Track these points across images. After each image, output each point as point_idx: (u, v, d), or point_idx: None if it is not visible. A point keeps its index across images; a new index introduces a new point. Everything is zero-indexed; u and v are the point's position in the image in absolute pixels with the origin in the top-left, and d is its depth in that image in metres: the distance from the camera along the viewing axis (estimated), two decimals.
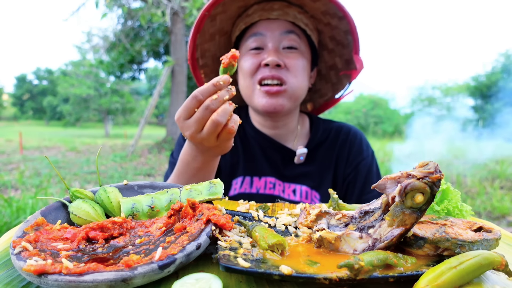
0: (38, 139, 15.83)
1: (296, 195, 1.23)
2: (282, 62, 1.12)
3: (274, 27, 1.17)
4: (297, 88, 1.16)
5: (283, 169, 1.27)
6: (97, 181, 6.12)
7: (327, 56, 1.35)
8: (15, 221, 3.14)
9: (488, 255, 0.51)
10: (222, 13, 1.21)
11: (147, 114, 10.08)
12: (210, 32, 1.25)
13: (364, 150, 1.30)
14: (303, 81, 1.18)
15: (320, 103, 1.45)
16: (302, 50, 1.18)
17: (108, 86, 26.85)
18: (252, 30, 1.19)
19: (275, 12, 1.17)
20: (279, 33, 1.16)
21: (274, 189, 1.24)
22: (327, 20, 1.23)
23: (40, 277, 0.48)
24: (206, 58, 1.32)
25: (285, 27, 1.17)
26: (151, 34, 11.94)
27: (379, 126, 21.70)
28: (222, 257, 0.52)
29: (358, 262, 0.48)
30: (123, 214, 0.71)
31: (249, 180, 1.26)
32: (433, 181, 0.54)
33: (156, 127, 39.76)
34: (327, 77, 1.39)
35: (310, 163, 1.28)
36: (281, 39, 1.16)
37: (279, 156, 1.28)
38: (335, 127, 1.34)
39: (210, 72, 1.36)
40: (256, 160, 1.28)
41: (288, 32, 1.16)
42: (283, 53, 1.15)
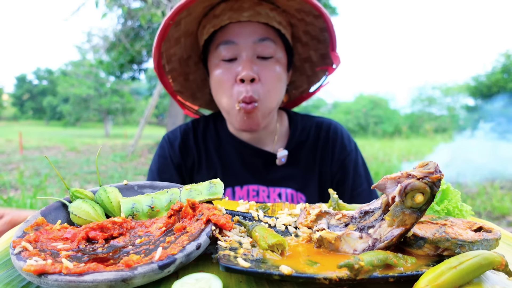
0: (38, 139, 15.83)
1: (282, 198, 1.19)
2: (256, 75, 1.06)
3: (246, 33, 1.07)
4: (270, 103, 1.11)
5: (266, 174, 1.21)
6: (97, 181, 6.12)
7: (301, 49, 1.27)
8: None
9: (488, 255, 0.51)
10: (186, 16, 1.12)
11: (147, 114, 10.08)
12: (175, 37, 1.18)
13: (347, 145, 1.26)
14: (279, 89, 1.12)
15: (296, 95, 1.39)
16: (278, 57, 1.11)
17: (108, 86, 26.84)
18: (222, 36, 1.09)
19: (245, 12, 1.07)
20: (252, 41, 1.07)
21: (258, 196, 1.19)
22: (301, 17, 1.16)
23: (40, 277, 0.48)
24: (172, 62, 1.24)
25: (258, 33, 1.08)
26: (151, 34, 11.93)
27: (379, 126, 21.70)
28: (222, 257, 0.52)
29: (358, 262, 0.48)
30: (123, 214, 0.71)
31: (231, 191, 1.20)
32: (433, 181, 0.54)
33: (156, 127, 39.75)
34: (302, 69, 1.32)
35: (293, 164, 1.23)
36: (255, 47, 1.07)
37: (260, 161, 1.22)
38: (314, 124, 1.29)
39: (177, 75, 1.28)
40: (235, 169, 1.22)
41: (262, 40, 1.07)
42: (257, 63, 1.08)
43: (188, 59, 1.27)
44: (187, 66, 1.28)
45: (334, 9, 12.60)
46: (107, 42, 12.54)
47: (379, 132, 21.00)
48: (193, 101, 1.38)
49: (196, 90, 1.35)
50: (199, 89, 1.35)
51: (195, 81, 1.33)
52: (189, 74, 1.30)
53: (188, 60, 1.27)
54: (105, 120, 27.83)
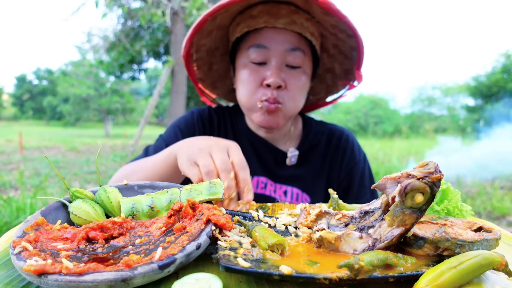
0: (38, 139, 15.84)
1: (287, 196, 1.23)
2: (283, 83, 1.09)
3: (279, 40, 1.10)
4: (293, 108, 1.15)
5: (275, 170, 1.26)
6: (97, 181, 6.12)
7: (326, 59, 1.32)
8: (14, 221, 3.14)
9: (488, 255, 0.51)
10: (224, 12, 1.15)
11: (147, 114, 10.08)
12: (209, 29, 1.21)
13: (356, 155, 1.31)
14: (300, 100, 1.17)
15: (312, 101, 1.43)
16: (305, 67, 1.14)
17: (108, 86, 26.85)
18: (255, 38, 1.12)
19: (282, 19, 1.09)
20: (284, 49, 1.10)
21: (265, 189, 1.23)
22: (334, 32, 1.19)
23: (40, 277, 0.48)
24: (201, 52, 1.28)
25: (291, 42, 1.10)
26: (151, 34, 11.94)
27: (379, 126, 21.71)
28: (222, 257, 0.52)
29: (358, 262, 0.48)
30: (123, 214, 0.71)
31: None
32: (433, 181, 0.54)
33: (156, 127, 39.75)
34: (323, 78, 1.37)
35: (302, 165, 1.27)
36: (286, 55, 1.10)
37: (271, 157, 1.27)
38: (327, 130, 1.34)
39: (203, 64, 1.33)
40: (249, 159, 1.24)
41: (293, 49, 1.10)
42: (285, 71, 1.11)
43: (216, 50, 1.31)
44: (213, 56, 1.32)
45: None
46: (107, 42, 12.55)
47: (379, 132, 21.00)
48: (213, 89, 1.42)
49: (217, 79, 1.40)
50: (220, 79, 1.40)
51: (218, 71, 1.37)
52: (214, 64, 1.35)
53: (216, 51, 1.31)
54: (105, 120, 27.83)
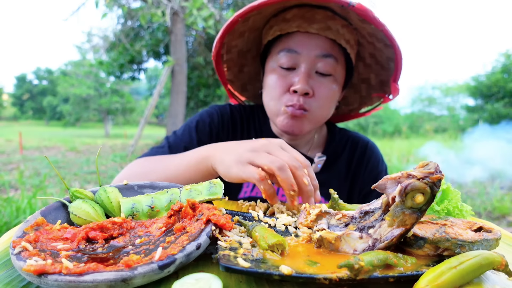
0: (38, 139, 15.84)
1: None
2: (311, 90, 1.05)
3: (311, 45, 1.05)
4: (319, 116, 1.11)
5: None
6: (97, 181, 6.12)
7: (362, 69, 1.26)
8: (14, 221, 3.14)
9: (488, 255, 0.51)
10: (256, 14, 1.10)
11: (147, 114, 10.08)
12: (240, 31, 1.17)
13: (380, 165, 1.30)
14: (329, 109, 1.13)
15: (344, 111, 1.38)
16: (336, 75, 1.09)
17: (108, 86, 26.85)
18: (287, 42, 1.08)
19: (315, 24, 1.05)
20: (315, 54, 1.05)
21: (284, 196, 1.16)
22: (372, 41, 1.14)
23: (40, 277, 0.48)
24: (231, 53, 1.24)
25: (323, 48, 1.05)
26: (151, 34, 11.94)
27: (379, 126, 21.71)
28: (222, 257, 0.52)
29: (358, 262, 0.48)
30: (123, 214, 0.71)
31: None
32: (433, 182, 0.54)
33: (156, 127, 39.75)
34: (357, 88, 1.31)
35: (326, 172, 1.23)
36: (316, 61, 1.05)
37: None
38: (351, 138, 1.31)
39: (233, 65, 1.29)
40: None
41: (325, 55, 1.05)
42: (315, 78, 1.07)
43: (247, 52, 1.27)
44: (244, 58, 1.28)
45: None
46: (107, 42, 12.55)
47: (379, 132, 21.00)
48: (242, 92, 1.39)
49: (247, 82, 1.36)
50: (250, 82, 1.36)
51: (249, 73, 1.34)
52: (245, 66, 1.31)
53: (247, 53, 1.27)
54: (105, 120, 27.84)
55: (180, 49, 10.63)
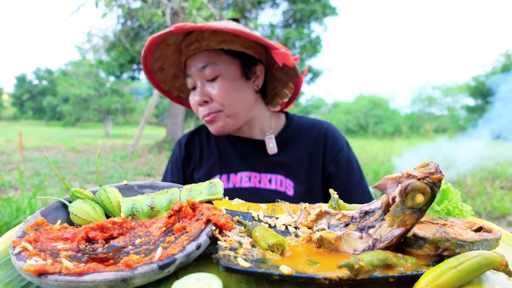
0: (38, 139, 15.83)
1: (272, 183, 1.30)
2: (207, 97, 1.23)
3: (194, 64, 1.23)
4: (232, 108, 1.25)
5: (258, 161, 1.35)
6: (97, 181, 6.12)
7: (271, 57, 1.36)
8: (14, 221, 3.14)
9: (488, 255, 0.51)
10: (165, 61, 1.37)
11: (147, 114, 10.08)
12: (171, 74, 1.44)
13: (339, 142, 1.36)
14: (235, 99, 1.25)
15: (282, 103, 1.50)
16: (224, 73, 1.23)
17: (108, 86, 26.85)
18: (186, 70, 1.28)
19: (192, 46, 1.23)
20: (197, 69, 1.22)
21: (250, 182, 1.31)
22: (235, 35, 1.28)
23: (40, 277, 0.48)
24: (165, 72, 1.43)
25: (201, 61, 1.22)
26: (151, 34, 11.94)
27: (379, 126, 21.71)
28: (222, 257, 0.52)
29: (358, 262, 0.48)
30: (123, 214, 0.71)
31: (226, 177, 1.34)
32: (433, 182, 0.54)
33: (156, 127, 39.75)
34: (277, 78, 1.44)
35: (283, 153, 1.35)
36: (202, 74, 1.22)
37: (252, 150, 1.37)
38: (307, 122, 1.42)
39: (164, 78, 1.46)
40: (231, 159, 1.38)
41: (203, 67, 1.21)
42: (208, 85, 1.23)
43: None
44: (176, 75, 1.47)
45: (334, 9, 12.59)
46: (107, 42, 12.55)
47: (379, 132, 21.00)
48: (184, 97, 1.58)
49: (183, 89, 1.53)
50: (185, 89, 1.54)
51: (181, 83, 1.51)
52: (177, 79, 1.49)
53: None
54: (105, 120, 27.83)
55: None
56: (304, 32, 11.83)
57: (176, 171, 1.44)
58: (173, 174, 1.44)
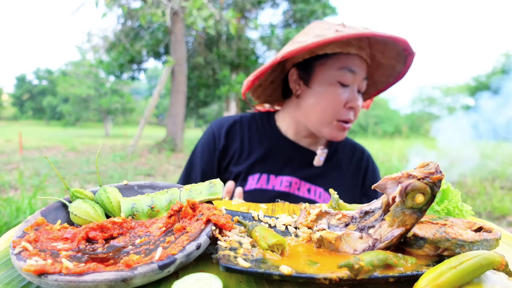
0: (38, 139, 15.83)
1: (311, 193, 1.30)
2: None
3: (362, 68, 1.21)
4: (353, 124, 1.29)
5: (302, 170, 1.34)
6: (97, 181, 6.12)
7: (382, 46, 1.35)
8: (14, 221, 3.14)
9: (488, 255, 0.51)
10: None
11: (147, 114, 10.08)
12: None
13: (377, 173, 1.47)
14: None
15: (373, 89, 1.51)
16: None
17: (108, 86, 26.84)
18: (346, 62, 1.19)
19: (364, 51, 1.21)
20: (362, 77, 1.22)
21: (290, 187, 1.30)
22: None
23: (40, 277, 0.48)
24: (262, 85, 1.37)
25: (365, 72, 1.23)
26: (151, 34, 11.94)
27: (379, 126, 21.71)
28: (222, 257, 0.52)
29: (358, 262, 0.48)
30: (123, 214, 0.71)
31: (266, 177, 1.31)
32: (433, 182, 0.54)
33: (156, 127, 39.76)
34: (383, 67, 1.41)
35: (325, 167, 1.36)
36: (362, 83, 1.23)
37: (299, 158, 1.35)
38: (350, 142, 1.48)
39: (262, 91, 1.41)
40: (275, 159, 1.35)
41: (365, 78, 1.23)
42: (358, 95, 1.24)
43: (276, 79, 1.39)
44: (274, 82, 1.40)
45: (334, 9, 12.60)
46: (107, 42, 12.56)
47: (379, 132, 21.00)
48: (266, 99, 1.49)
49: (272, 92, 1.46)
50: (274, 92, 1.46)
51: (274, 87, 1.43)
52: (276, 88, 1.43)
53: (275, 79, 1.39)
54: (105, 120, 27.83)
55: (180, 49, 10.63)
56: None
57: (210, 160, 1.36)
58: (206, 163, 1.36)
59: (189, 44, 13.22)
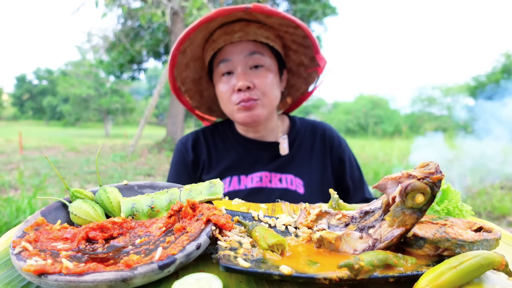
0: (38, 139, 15.83)
1: (283, 182, 1.36)
2: (251, 83, 1.24)
3: (238, 50, 1.26)
4: (268, 99, 1.29)
5: (270, 163, 1.40)
6: (97, 181, 6.12)
7: (293, 55, 1.45)
8: (14, 221, 3.14)
9: (488, 255, 0.51)
10: (190, 45, 1.33)
11: (147, 114, 10.08)
12: (184, 63, 1.38)
13: (342, 143, 1.49)
14: (273, 91, 1.31)
15: (298, 96, 1.58)
16: (267, 65, 1.29)
17: (108, 86, 26.84)
18: (220, 56, 1.29)
19: (236, 34, 1.27)
20: (243, 56, 1.26)
21: (261, 182, 1.35)
22: (285, 29, 1.34)
23: (40, 277, 0.48)
24: (187, 84, 1.45)
25: (248, 49, 1.26)
26: (151, 34, 11.94)
27: (379, 126, 21.71)
28: (222, 257, 0.52)
29: (358, 262, 0.48)
30: (123, 214, 0.71)
31: (237, 178, 1.38)
32: (433, 182, 0.54)
33: (156, 127, 39.75)
34: (298, 73, 1.51)
35: (291, 153, 1.42)
36: (247, 61, 1.26)
37: (266, 153, 1.41)
38: (310, 124, 1.51)
39: (193, 93, 1.50)
40: (243, 162, 1.41)
41: (251, 54, 1.26)
42: (250, 73, 1.26)
43: (200, 79, 1.48)
44: (200, 85, 1.49)
45: (334, 9, 12.61)
46: (107, 42, 12.55)
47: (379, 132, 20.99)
48: (210, 113, 1.60)
49: (212, 103, 1.56)
50: (213, 103, 1.56)
51: (210, 97, 1.54)
52: (203, 91, 1.51)
53: (200, 79, 1.48)
54: (105, 120, 27.82)
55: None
56: None
57: (185, 174, 1.43)
58: (181, 177, 1.43)
59: None
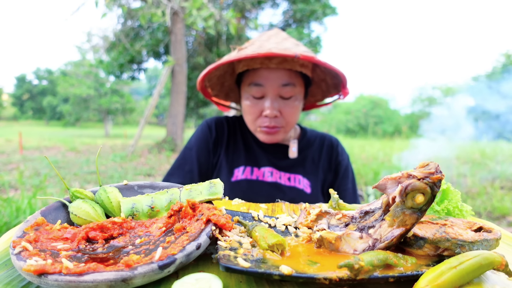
0: (38, 139, 15.83)
1: (291, 181, 1.43)
2: (278, 113, 1.31)
3: (273, 77, 1.29)
4: (290, 127, 1.38)
5: (280, 162, 1.48)
6: (97, 181, 6.12)
7: (320, 72, 1.48)
8: (14, 221, 3.14)
9: (488, 255, 0.51)
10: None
11: (147, 114, 10.08)
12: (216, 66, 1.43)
13: (341, 154, 1.56)
14: (296, 119, 1.39)
15: (311, 101, 1.65)
16: (297, 95, 1.33)
17: (108, 86, 26.83)
18: (254, 77, 1.32)
19: (274, 60, 1.28)
20: (277, 85, 1.29)
21: (272, 177, 1.43)
22: None
23: (40, 277, 0.48)
24: (212, 80, 1.51)
25: (282, 79, 1.29)
26: (151, 34, 11.94)
27: (379, 126, 21.71)
28: (222, 257, 0.52)
29: (358, 262, 0.48)
30: (123, 214, 0.71)
31: (250, 169, 1.45)
32: (433, 182, 0.54)
33: (156, 127, 39.76)
34: (319, 84, 1.56)
35: (300, 157, 1.50)
36: (279, 90, 1.29)
37: (276, 152, 1.49)
38: (319, 135, 1.60)
39: (216, 84, 1.56)
40: (256, 154, 1.49)
41: (284, 85, 1.29)
42: (280, 101, 1.31)
43: (225, 74, 1.53)
44: (223, 78, 1.55)
45: (334, 9, 12.60)
46: (107, 42, 12.55)
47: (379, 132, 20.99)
48: (227, 99, 1.68)
49: (229, 91, 1.64)
50: (231, 90, 1.63)
51: (229, 86, 1.60)
52: (225, 82, 1.57)
53: (225, 74, 1.53)
54: (105, 120, 27.82)
55: (180, 49, 10.62)
56: (304, 32, 11.85)
57: (206, 151, 1.48)
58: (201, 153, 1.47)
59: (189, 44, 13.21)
